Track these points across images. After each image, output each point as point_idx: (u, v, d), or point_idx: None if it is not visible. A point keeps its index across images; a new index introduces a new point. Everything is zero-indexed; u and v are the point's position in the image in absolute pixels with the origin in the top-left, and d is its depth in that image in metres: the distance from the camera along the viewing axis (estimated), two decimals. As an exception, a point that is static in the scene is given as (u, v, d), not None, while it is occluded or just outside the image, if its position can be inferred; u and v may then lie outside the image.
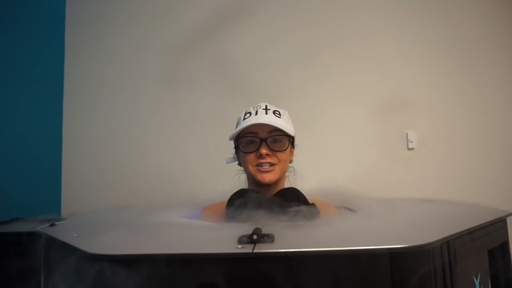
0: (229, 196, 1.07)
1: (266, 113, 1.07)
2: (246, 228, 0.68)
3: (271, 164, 1.05)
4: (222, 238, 0.71)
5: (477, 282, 0.85)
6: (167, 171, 1.93)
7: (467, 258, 0.79)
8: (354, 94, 1.90)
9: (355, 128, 1.87)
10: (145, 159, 1.98)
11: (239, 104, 1.40)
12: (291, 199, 0.92)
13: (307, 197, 0.98)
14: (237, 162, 1.17)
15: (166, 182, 1.90)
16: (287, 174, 1.16)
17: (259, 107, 1.10)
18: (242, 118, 1.10)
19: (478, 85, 1.88)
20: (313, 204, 0.94)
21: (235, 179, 1.21)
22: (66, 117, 2.08)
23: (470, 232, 0.78)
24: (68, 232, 0.89)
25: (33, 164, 2.04)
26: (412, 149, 1.85)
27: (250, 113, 1.09)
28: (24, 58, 2.07)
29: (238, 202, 0.92)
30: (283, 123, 1.07)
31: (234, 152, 1.17)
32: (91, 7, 2.09)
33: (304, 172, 1.17)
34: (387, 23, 1.93)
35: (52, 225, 1.04)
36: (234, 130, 1.10)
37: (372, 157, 1.81)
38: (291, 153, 1.14)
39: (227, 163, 1.18)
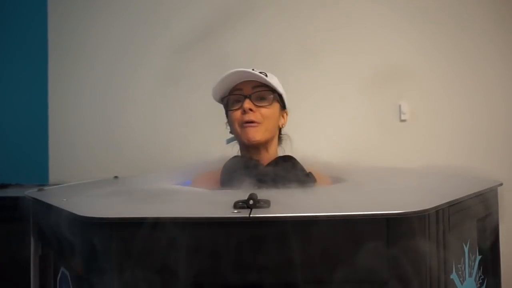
0: (219, 164, 1.06)
1: (252, 70, 1.02)
2: (241, 195, 0.67)
3: (256, 123, 1.00)
4: (218, 203, 0.70)
5: (466, 249, 0.86)
6: (155, 138, 1.93)
7: (459, 226, 0.81)
8: (347, 65, 1.86)
9: (348, 99, 1.85)
10: (133, 126, 1.96)
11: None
12: (288, 167, 0.90)
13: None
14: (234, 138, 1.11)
15: (154, 149, 1.90)
16: (282, 145, 1.12)
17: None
18: None
19: (471, 56, 1.85)
20: (309, 173, 0.92)
21: (225, 146, 1.18)
22: (51, 84, 2.03)
23: (463, 200, 0.79)
24: (57, 197, 0.88)
25: (19, 131, 2.00)
26: (404, 120, 1.85)
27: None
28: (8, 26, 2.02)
29: (234, 169, 0.91)
30: (268, 80, 1.02)
31: (226, 119, 1.11)
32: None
33: (297, 144, 1.14)
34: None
35: (40, 190, 1.02)
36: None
37: (365, 128, 1.80)
38: (282, 116, 1.09)
39: (227, 143, 1.13)
